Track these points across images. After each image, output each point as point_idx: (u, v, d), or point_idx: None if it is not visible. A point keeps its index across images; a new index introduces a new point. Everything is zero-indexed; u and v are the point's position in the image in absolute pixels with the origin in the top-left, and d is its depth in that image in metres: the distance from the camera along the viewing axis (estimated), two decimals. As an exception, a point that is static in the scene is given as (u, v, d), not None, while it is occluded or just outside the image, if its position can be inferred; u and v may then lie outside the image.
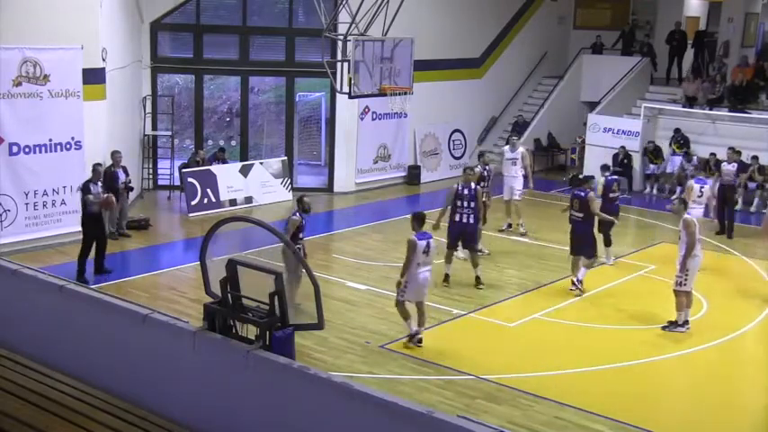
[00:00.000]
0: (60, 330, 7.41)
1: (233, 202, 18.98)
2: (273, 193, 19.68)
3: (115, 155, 15.60)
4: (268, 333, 6.25)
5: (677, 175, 21.15)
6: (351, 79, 15.08)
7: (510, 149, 17.66)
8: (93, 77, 15.53)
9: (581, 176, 15.61)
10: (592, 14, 27.26)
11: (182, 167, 19.09)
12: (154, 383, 6.64)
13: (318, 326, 6.58)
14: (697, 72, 23.92)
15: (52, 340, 7.39)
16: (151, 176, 20.40)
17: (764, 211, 19.33)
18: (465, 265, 14.41)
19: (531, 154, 21.95)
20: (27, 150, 14.67)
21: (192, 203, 18.34)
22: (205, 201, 18.53)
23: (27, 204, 14.78)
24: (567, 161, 25.09)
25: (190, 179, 18.50)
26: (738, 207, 19.22)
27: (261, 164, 19.89)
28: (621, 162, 21.76)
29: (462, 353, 11.32)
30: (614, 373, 10.98)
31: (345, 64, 15.54)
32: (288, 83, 21.06)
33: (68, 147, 15.10)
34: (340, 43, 16.10)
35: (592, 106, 24.40)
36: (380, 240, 16.74)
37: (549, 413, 9.63)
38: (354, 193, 21.18)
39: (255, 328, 6.33)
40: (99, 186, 13.95)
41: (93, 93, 15.53)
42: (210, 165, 19.15)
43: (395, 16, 15.60)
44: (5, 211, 14.58)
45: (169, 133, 20.45)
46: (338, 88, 16.74)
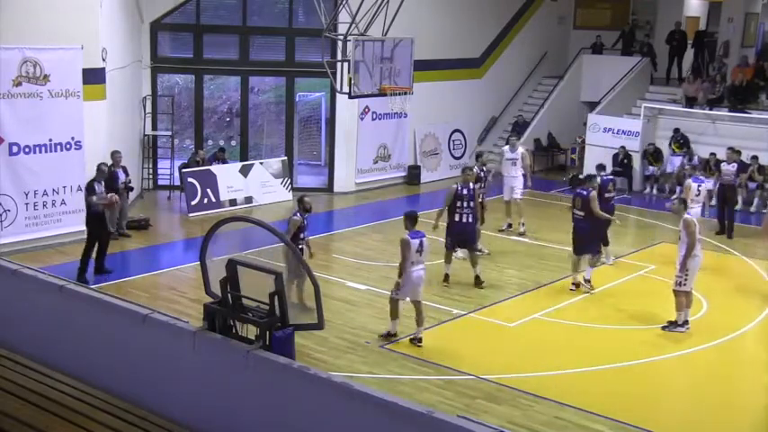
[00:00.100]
0: (60, 330, 7.40)
1: (233, 202, 18.98)
2: (273, 194, 19.67)
3: (115, 155, 15.58)
4: (268, 333, 6.25)
5: (677, 174, 21.14)
6: (351, 79, 15.07)
7: (510, 150, 17.66)
8: (93, 77, 15.52)
9: (582, 176, 15.63)
10: (592, 14, 27.24)
11: (182, 167, 19.09)
12: (154, 383, 6.63)
13: (318, 326, 6.58)
14: (697, 72, 23.92)
15: (52, 340, 7.39)
16: (151, 176, 20.39)
17: (764, 211, 19.37)
18: (465, 265, 14.41)
19: (531, 154, 21.98)
20: (27, 150, 14.66)
21: (192, 203, 18.34)
22: (205, 201, 18.52)
23: (27, 204, 14.77)
24: (567, 161, 25.09)
25: (190, 179, 18.50)
26: (738, 207, 19.21)
27: (261, 164, 19.88)
28: (621, 162, 21.76)
29: (462, 353, 11.33)
30: (614, 373, 10.98)
31: (345, 64, 15.53)
32: (288, 83, 21.05)
33: (68, 147, 15.09)
34: (340, 43, 16.09)
35: (592, 106, 24.38)
36: (380, 240, 16.73)
37: (549, 413, 9.64)
38: (354, 193, 21.17)
39: (255, 328, 6.33)
40: (102, 186, 13.98)
41: (93, 93, 15.52)
42: (210, 165, 19.14)
43: (395, 16, 15.59)
44: (5, 211, 14.58)
45: (169, 133, 20.44)
46: (338, 88, 16.73)
